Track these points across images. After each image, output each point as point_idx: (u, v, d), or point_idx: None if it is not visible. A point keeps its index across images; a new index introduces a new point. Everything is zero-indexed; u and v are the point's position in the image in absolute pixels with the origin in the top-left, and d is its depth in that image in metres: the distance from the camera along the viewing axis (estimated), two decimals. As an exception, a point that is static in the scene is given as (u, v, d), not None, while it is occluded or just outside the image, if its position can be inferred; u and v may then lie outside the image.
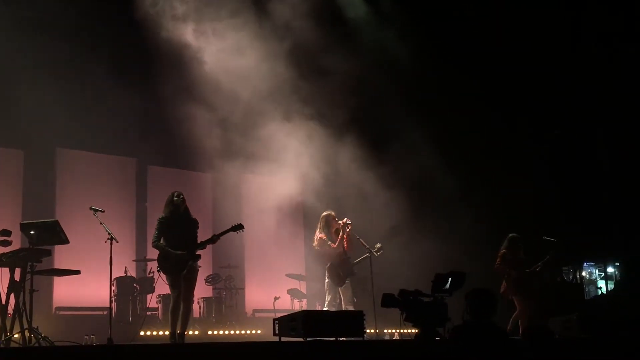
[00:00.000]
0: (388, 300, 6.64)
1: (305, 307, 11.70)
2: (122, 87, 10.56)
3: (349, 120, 11.74)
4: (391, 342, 9.52)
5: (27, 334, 7.04)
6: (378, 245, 9.87)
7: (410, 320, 6.65)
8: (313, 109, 11.12)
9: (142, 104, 10.93)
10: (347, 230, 9.50)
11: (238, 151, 11.01)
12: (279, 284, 12.24)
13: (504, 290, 9.53)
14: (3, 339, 6.99)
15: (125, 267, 10.50)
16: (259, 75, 10.73)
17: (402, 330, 11.34)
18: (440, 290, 6.78)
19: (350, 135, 11.63)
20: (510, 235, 9.66)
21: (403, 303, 6.52)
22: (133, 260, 11.24)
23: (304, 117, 11.07)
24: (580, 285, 15.12)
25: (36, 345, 6.95)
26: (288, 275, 12.27)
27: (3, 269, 7.41)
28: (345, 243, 9.49)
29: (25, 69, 10.02)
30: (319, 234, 9.55)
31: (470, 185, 12.85)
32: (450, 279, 6.85)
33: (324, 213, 9.66)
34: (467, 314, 5.74)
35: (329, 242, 9.42)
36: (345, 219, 9.58)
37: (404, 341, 9.98)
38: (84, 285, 10.15)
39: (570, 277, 15.16)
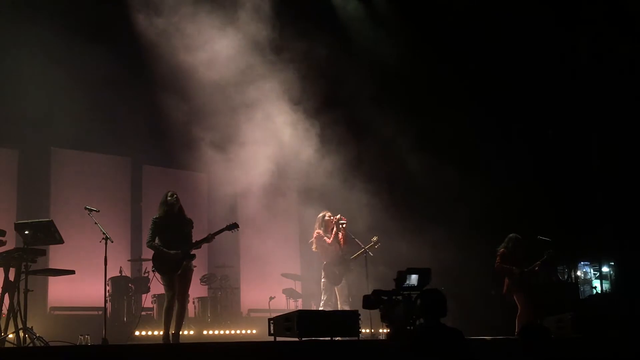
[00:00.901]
0: (369, 302, 6.63)
1: (300, 307, 11.70)
2: (117, 87, 10.57)
3: (343, 121, 11.77)
4: (386, 342, 9.52)
5: (21, 334, 7.01)
6: (375, 238, 9.90)
7: (385, 320, 6.61)
8: (308, 108, 11.17)
9: (138, 103, 10.92)
10: (342, 228, 9.55)
11: (233, 152, 11.01)
12: (275, 283, 12.23)
13: (506, 290, 9.53)
14: (-3, 339, 6.98)
15: (120, 267, 10.48)
16: (253, 73, 10.78)
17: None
18: (407, 288, 6.73)
19: (345, 135, 11.66)
20: (511, 234, 9.67)
21: (377, 303, 6.49)
22: (128, 260, 11.22)
23: (298, 117, 11.10)
24: (575, 285, 15.15)
25: (31, 345, 6.93)
26: (283, 275, 12.27)
27: (-3, 269, 7.41)
28: (340, 240, 9.54)
29: (20, 68, 9.99)
30: (315, 232, 9.61)
31: (465, 185, 12.85)
32: (416, 275, 6.80)
33: (320, 213, 9.73)
34: (418, 316, 5.53)
35: (325, 238, 9.48)
36: (339, 215, 9.63)
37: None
38: (79, 285, 10.12)
39: (565, 276, 15.19)
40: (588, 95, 13.50)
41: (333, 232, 9.51)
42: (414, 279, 6.80)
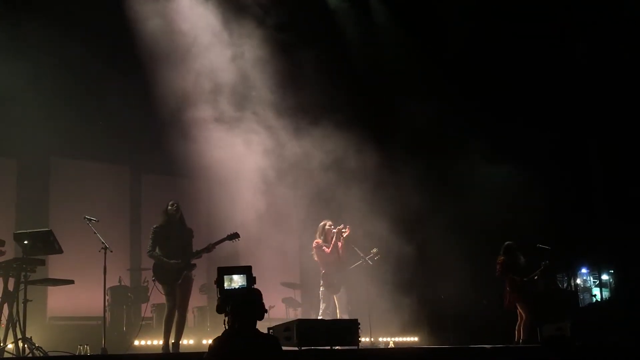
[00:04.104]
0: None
1: (300, 316, 11.67)
2: (116, 95, 10.58)
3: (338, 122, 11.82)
4: (386, 351, 9.51)
5: (20, 344, 7.00)
6: (374, 250, 9.91)
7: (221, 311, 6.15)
8: (308, 112, 11.21)
9: (137, 111, 10.92)
10: (342, 237, 9.55)
11: (233, 159, 11.01)
12: (274, 292, 12.18)
13: (508, 301, 9.52)
14: (-4, 349, 6.96)
15: (120, 277, 10.47)
16: (253, 75, 10.83)
17: (397, 339, 11.33)
18: (232, 290, 6.46)
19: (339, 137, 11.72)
20: (507, 243, 9.70)
21: (222, 308, 6.20)
22: (127, 270, 11.20)
23: (298, 120, 11.13)
24: (575, 293, 15.15)
25: (30, 355, 6.91)
26: (283, 284, 12.24)
27: (-3, 279, 7.39)
28: (339, 249, 9.53)
29: (19, 78, 9.99)
30: (315, 242, 9.62)
31: (462, 190, 12.86)
32: (241, 275, 6.56)
33: (321, 222, 9.74)
34: (231, 321, 5.21)
35: (324, 247, 9.49)
36: (342, 225, 9.63)
37: (398, 349, 9.97)
38: (78, 295, 10.08)
39: (565, 284, 15.19)
40: (587, 99, 13.52)
41: (332, 242, 9.52)
42: (237, 279, 6.51)
